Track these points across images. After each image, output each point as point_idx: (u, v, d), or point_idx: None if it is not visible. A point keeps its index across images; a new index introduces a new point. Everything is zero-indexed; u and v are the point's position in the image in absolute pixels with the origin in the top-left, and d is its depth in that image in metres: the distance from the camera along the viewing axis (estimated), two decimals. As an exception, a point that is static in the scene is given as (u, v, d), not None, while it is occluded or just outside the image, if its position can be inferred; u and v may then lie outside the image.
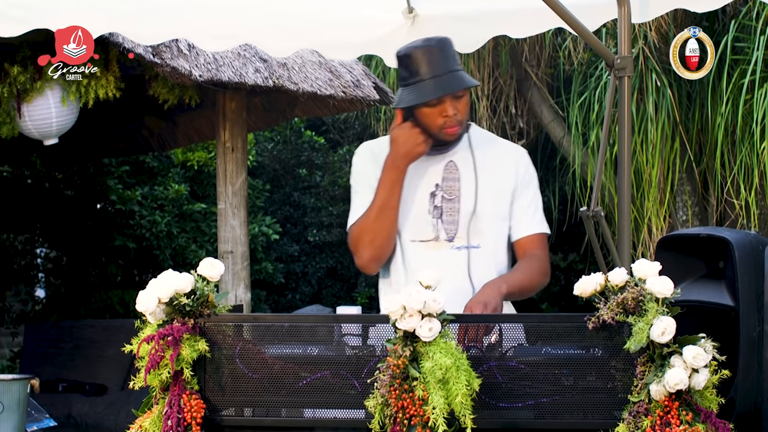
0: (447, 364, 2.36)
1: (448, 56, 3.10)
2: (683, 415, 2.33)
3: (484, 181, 3.17)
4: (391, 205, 3.14)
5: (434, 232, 3.16)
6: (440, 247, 3.15)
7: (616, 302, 2.40)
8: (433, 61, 3.06)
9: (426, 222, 3.17)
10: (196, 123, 7.35)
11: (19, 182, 8.92)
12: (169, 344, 2.51)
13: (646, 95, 6.83)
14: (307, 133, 10.61)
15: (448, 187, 3.17)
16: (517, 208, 3.22)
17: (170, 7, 3.97)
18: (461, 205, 3.16)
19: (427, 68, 3.06)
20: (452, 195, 3.17)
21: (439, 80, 3.06)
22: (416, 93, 3.07)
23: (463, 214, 3.15)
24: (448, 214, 3.16)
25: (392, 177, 3.13)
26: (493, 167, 3.20)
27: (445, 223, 3.16)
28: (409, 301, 2.40)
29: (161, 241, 8.80)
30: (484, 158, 3.20)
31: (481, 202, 3.15)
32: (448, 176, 3.18)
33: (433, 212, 3.17)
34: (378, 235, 3.18)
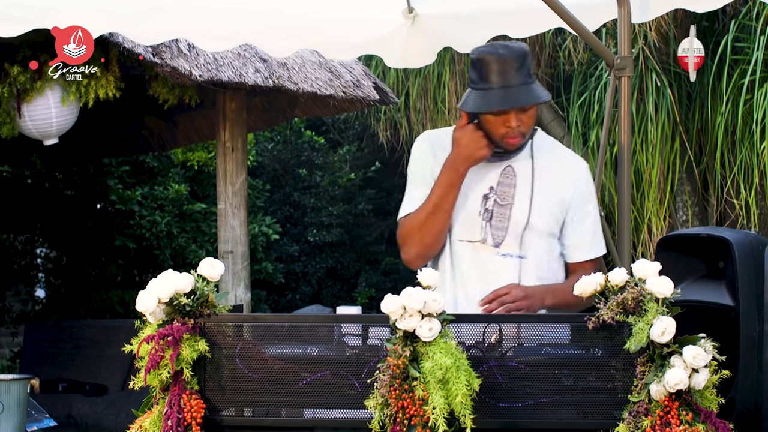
0: (447, 364, 2.36)
1: (522, 67, 3.02)
2: (683, 415, 2.33)
3: (540, 193, 3.11)
4: (445, 206, 3.10)
5: (482, 234, 3.11)
6: (486, 251, 3.11)
7: (616, 302, 2.40)
8: (505, 71, 2.99)
9: (475, 223, 3.12)
10: (196, 123, 7.35)
11: (19, 182, 8.92)
12: (169, 344, 2.51)
13: (646, 95, 6.83)
14: (307, 133, 10.61)
15: (503, 192, 3.12)
16: (576, 230, 3.16)
17: (170, 7, 3.97)
18: (512, 213, 3.10)
19: (497, 77, 3.00)
20: (505, 201, 3.11)
21: (508, 92, 2.99)
22: (482, 100, 3.01)
23: (512, 222, 3.10)
24: (497, 219, 3.11)
25: (450, 179, 3.08)
26: (551, 180, 3.14)
27: (493, 228, 3.11)
28: (409, 301, 2.40)
29: (161, 241, 8.80)
30: (543, 168, 3.14)
31: (534, 213, 3.10)
32: (504, 181, 3.13)
33: (483, 214, 3.12)
34: (428, 234, 3.13)
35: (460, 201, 3.12)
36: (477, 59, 3.04)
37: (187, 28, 4.08)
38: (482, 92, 3.02)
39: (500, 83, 2.99)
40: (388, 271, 10.46)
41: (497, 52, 3.01)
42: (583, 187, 3.18)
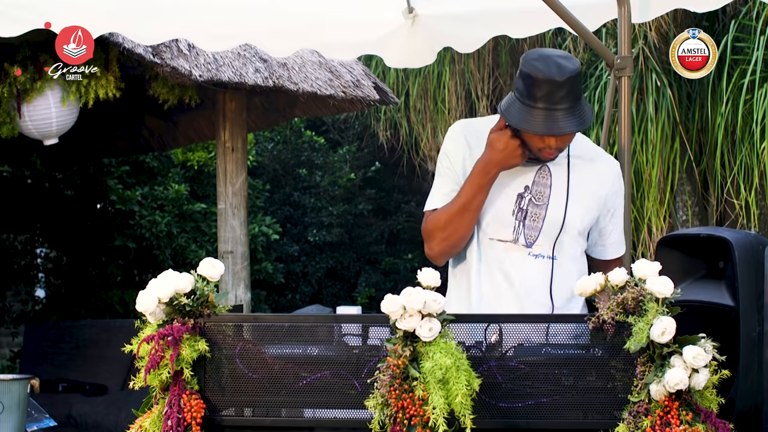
0: (447, 364, 2.36)
1: (571, 91, 2.91)
2: (683, 415, 2.33)
3: (576, 193, 3.09)
4: (472, 207, 3.05)
5: (514, 234, 3.08)
6: (517, 251, 3.07)
7: (616, 302, 2.40)
8: (554, 94, 2.90)
9: (507, 223, 3.08)
10: (196, 123, 7.35)
11: (19, 182, 8.92)
12: (169, 344, 2.51)
13: (646, 95, 6.83)
14: (307, 133, 10.61)
15: (538, 192, 3.08)
16: (610, 230, 3.18)
17: (170, 7, 3.97)
18: (547, 213, 3.07)
19: (544, 98, 2.90)
20: (540, 201, 3.07)
21: (553, 116, 2.91)
22: (526, 118, 2.93)
23: (547, 223, 3.07)
24: (531, 219, 3.07)
25: (480, 181, 3.03)
26: (586, 182, 3.12)
27: (526, 228, 3.07)
28: (409, 301, 2.40)
29: (161, 241, 8.80)
30: (579, 170, 3.11)
31: (570, 214, 3.08)
32: (540, 180, 3.09)
33: (516, 214, 3.07)
34: (454, 234, 3.08)
35: (492, 199, 3.08)
36: (528, 74, 2.93)
37: (187, 28, 4.08)
38: (527, 108, 2.93)
39: (546, 105, 2.91)
40: (388, 271, 10.46)
41: (550, 72, 2.90)
42: (618, 186, 3.20)
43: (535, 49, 3.02)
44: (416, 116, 8.44)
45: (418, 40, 4.19)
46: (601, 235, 3.19)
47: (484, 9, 4.06)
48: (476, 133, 3.12)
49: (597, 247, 3.21)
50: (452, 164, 3.14)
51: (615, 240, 3.22)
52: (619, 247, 3.24)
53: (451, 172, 3.14)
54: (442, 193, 3.14)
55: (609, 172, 3.19)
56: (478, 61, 7.97)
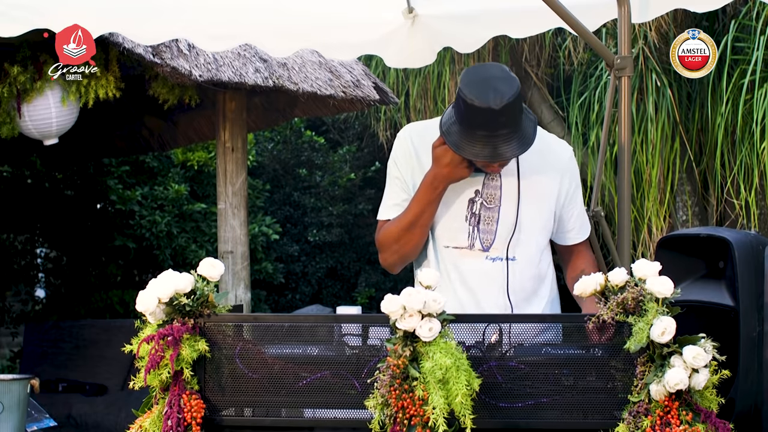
0: (447, 364, 2.36)
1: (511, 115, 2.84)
2: (683, 415, 2.33)
3: (527, 191, 3.07)
4: (421, 222, 3.04)
5: (469, 239, 3.07)
6: (474, 256, 3.06)
7: (616, 302, 2.40)
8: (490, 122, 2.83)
9: (461, 229, 3.07)
10: (196, 123, 7.35)
11: (19, 182, 8.92)
12: (169, 344, 2.51)
13: (646, 95, 6.83)
14: (307, 133, 10.61)
15: (489, 195, 3.06)
16: (569, 216, 3.16)
17: (170, 7, 3.97)
18: (500, 215, 3.06)
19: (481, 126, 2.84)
20: (492, 204, 3.06)
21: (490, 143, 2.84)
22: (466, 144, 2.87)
23: (501, 224, 3.05)
24: (485, 222, 3.06)
25: (429, 197, 3.01)
26: (537, 178, 3.09)
27: (481, 232, 3.06)
28: (409, 301, 2.40)
29: (161, 241, 8.80)
30: (529, 165, 3.07)
31: (524, 213, 3.06)
32: (490, 183, 3.07)
33: (470, 219, 3.06)
34: (404, 247, 3.10)
35: (444, 206, 3.07)
36: (467, 103, 2.84)
37: (187, 28, 4.08)
38: (465, 132, 2.88)
39: (485, 132, 2.85)
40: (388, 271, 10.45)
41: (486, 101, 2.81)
42: (571, 171, 3.15)
43: (474, 68, 2.93)
44: (416, 116, 8.44)
45: (418, 40, 4.19)
46: (560, 223, 3.17)
47: (484, 9, 4.06)
48: (424, 136, 3.09)
49: (559, 234, 3.20)
50: (401, 173, 3.13)
51: (575, 225, 3.19)
52: (580, 232, 3.21)
53: (399, 181, 3.14)
54: (393, 204, 3.14)
55: (559, 161, 3.14)
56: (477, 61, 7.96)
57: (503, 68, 2.93)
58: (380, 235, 3.16)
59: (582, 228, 3.23)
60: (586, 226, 3.25)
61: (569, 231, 3.20)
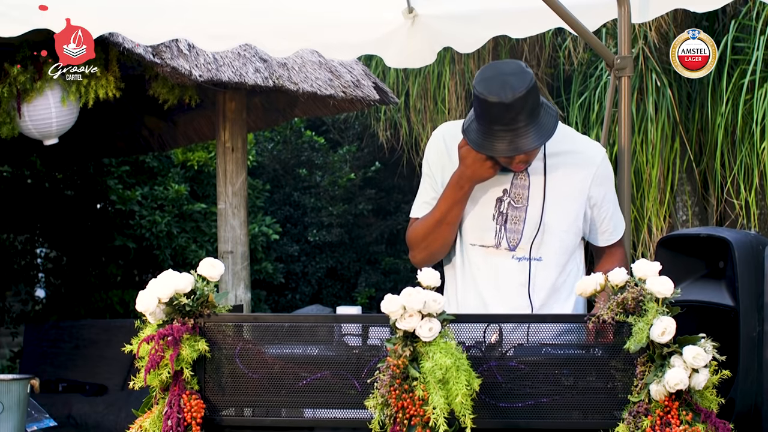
0: (447, 364, 2.36)
1: (525, 107, 2.86)
2: (683, 415, 2.33)
3: (554, 192, 3.06)
4: (448, 221, 3.06)
5: (496, 238, 3.07)
6: (500, 255, 3.06)
7: (616, 302, 2.40)
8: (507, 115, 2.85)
9: (489, 227, 3.07)
10: (196, 123, 7.35)
11: (19, 182, 8.92)
12: (169, 344, 2.51)
13: (646, 95, 6.83)
14: (307, 133, 10.61)
15: (516, 194, 3.06)
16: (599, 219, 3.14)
17: (170, 7, 3.97)
18: (527, 215, 3.05)
19: (497, 120, 2.86)
20: (519, 203, 3.06)
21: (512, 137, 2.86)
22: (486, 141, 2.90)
23: (528, 224, 3.05)
24: (512, 222, 3.05)
25: (455, 196, 3.03)
26: (567, 176, 3.08)
27: (508, 231, 3.05)
28: (409, 301, 2.40)
29: (161, 241, 8.80)
30: (557, 166, 3.07)
31: (549, 213, 3.05)
32: (518, 183, 3.06)
33: (497, 218, 3.06)
34: (433, 243, 3.11)
35: (472, 205, 3.08)
36: (477, 97, 2.88)
37: (187, 28, 4.08)
38: (484, 130, 2.90)
39: (502, 126, 2.87)
40: (388, 271, 10.46)
41: (498, 95, 2.84)
42: (602, 173, 3.12)
43: (487, 66, 2.95)
44: (416, 116, 8.44)
45: (418, 40, 4.19)
46: (592, 225, 3.16)
47: (484, 9, 4.06)
48: (456, 135, 3.08)
49: (591, 236, 3.19)
50: (432, 172, 3.16)
51: (606, 228, 3.17)
52: (612, 234, 3.18)
53: (431, 179, 3.16)
54: (423, 202, 3.16)
55: (589, 162, 3.12)
56: (478, 61, 7.97)
57: (518, 63, 2.94)
58: (409, 233, 3.18)
59: (615, 230, 3.20)
60: (620, 227, 3.21)
61: (602, 233, 3.18)
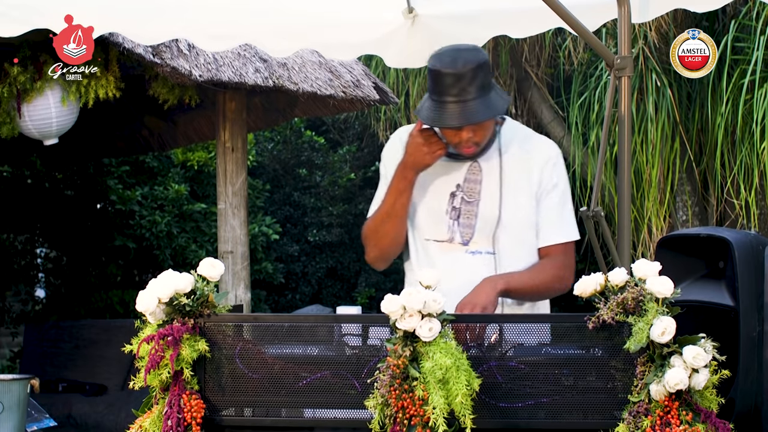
0: (447, 364, 2.36)
1: (476, 78, 2.92)
2: (683, 415, 2.33)
3: (509, 186, 3.08)
4: (395, 212, 3.09)
5: (449, 233, 3.09)
6: (454, 250, 3.08)
7: (616, 302, 2.40)
8: (459, 85, 2.92)
9: (442, 222, 3.10)
10: (196, 123, 7.35)
11: (19, 182, 8.92)
12: (169, 344, 2.51)
13: (646, 95, 6.83)
14: (307, 133, 10.61)
15: (469, 188, 3.09)
16: (541, 216, 3.11)
17: (170, 7, 3.97)
18: (480, 209, 3.08)
19: (452, 91, 2.92)
20: (472, 198, 3.08)
21: (462, 107, 2.92)
22: (437, 114, 2.96)
23: (480, 219, 3.07)
24: (465, 216, 3.08)
25: (399, 185, 3.07)
26: (519, 171, 3.10)
27: (461, 225, 3.08)
28: (409, 301, 2.40)
29: (161, 241, 8.80)
30: (511, 160, 3.10)
31: (504, 208, 3.07)
32: (471, 177, 3.10)
33: (450, 213, 3.09)
34: (383, 239, 3.15)
35: (425, 200, 3.12)
36: (431, 70, 2.96)
37: (187, 28, 4.08)
38: (435, 104, 2.96)
39: (455, 98, 2.92)
40: (388, 271, 10.46)
41: (453, 66, 2.92)
42: (550, 170, 3.12)
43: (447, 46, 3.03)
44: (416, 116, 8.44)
45: (418, 40, 4.19)
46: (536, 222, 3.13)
47: (484, 9, 4.06)
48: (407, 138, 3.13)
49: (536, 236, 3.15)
50: (386, 171, 3.20)
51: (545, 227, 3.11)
52: (551, 234, 3.11)
53: (382, 176, 3.21)
54: (377, 196, 3.21)
55: (540, 158, 3.12)
56: (478, 61, 7.95)
57: (474, 45, 3.03)
58: (363, 230, 3.22)
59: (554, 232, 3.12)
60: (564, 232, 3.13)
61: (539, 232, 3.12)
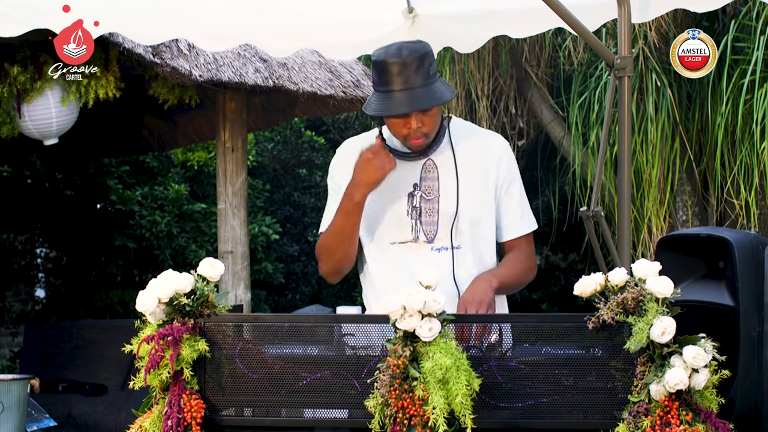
0: (447, 364, 2.36)
1: (421, 67, 2.97)
2: (683, 415, 2.33)
3: (466, 180, 3.11)
4: (347, 230, 3.10)
5: (413, 233, 3.11)
6: (419, 249, 3.10)
7: (616, 302, 2.40)
8: (405, 73, 2.96)
9: (404, 223, 3.12)
10: (196, 123, 7.35)
11: (19, 182, 8.92)
12: (169, 344, 2.51)
13: (646, 95, 6.83)
14: (307, 133, 10.61)
15: (427, 187, 3.12)
16: (504, 210, 3.17)
17: (170, 7, 3.97)
18: (440, 206, 3.10)
19: (397, 79, 2.96)
20: (431, 195, 3.11)
21: (408, 95, 2.96)
22: (384, 104, 2.99)
23: (442, 215, 3.10)
24: (427, 214, 3.11)
25: (347, 206, 3.07)
26: (474, 164, 3.14)
27: (424, 224, 3.11)
28: (409, 301, 2.40)
29: (161, 241, 8.80)
30: (465, 155, 3.13)
31: (463, 201, 3.10)
32: (427, 176, 3.12)
33: (411, 213, 3.12)
34: (335, 254, 3.16)
35: (385, 205, 3.13)
36: (376, 62, 3.00)
37: (187, 28, 4.08)
38: (384, 95, 2.99)
39: (401, 86, 2.96)
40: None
41: (398, 55, 2.96)
42: (506, 164, 3.18)
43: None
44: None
45: (418, 41, 4.19)
46: (498, 217, 3.18)
47: (484, 9, 4.06)
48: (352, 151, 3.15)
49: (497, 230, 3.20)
50: (336, 184, 3.21)
51: (510, 220, 3.18)
52: (516, 228, 3.19)
53: (334, 192, 3.21)
54: (327, 210, 3.22)
55: (493, 152, 3.17)
56: (478, 61, 7.97)
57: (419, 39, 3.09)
58: (316, 244, 3.23)
59: (519, 224, 3.20)
60: (526, 223, 3.22)
61: (505, 227, 3.19)
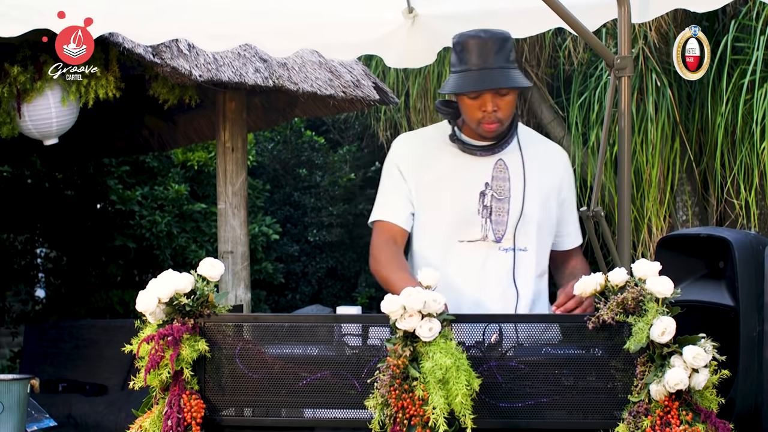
0: (447, 364, 2.36)
1: (501, 50, 3.02)
2: (683, 415, 2.33)
3: (532, 183, 3.14)
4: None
5: (482, 232, 3.11)
6: (487, 248, 3.11)
7: (616, 302, 2.40)
8: (484, 53, 3.00)
9: (474, 222, 3.12)
10: (196, 123, 7.35)
11: (19, 182, 8.92)
12: (169, 344, 2.51)
13: (646, 95, 6.82)
14: (307, 133, 10.61)
15: (498, 186, 3.13)
16: (567, 219, 3.23)
17: (170, 7, 3.97)
18: (510, 206, 3.12)
19: (476, 59, 3.00)
20: (502, 195, 3.12)
21: (485, 74, 3.00)
22: (460, 82, 3.02)
23: (512, 216, 3.11)
24: (497, 214, 3.11)
25: None
26: (540, 169, 3.17)
27: (494, 223, 3.11)
28: (409, 301, 2.40)
29: (161, 241, 8.80)
30: (532, 159, 3.16)
31: (529, 204, 3.12)
32: (498, 175, 3.13)
33: (482, 212, 3.12)
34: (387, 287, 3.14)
35: (456, 204, 3.13)
36: (456, 43, 3.07)
37: (187, 28, 4.08)
38: (460, 74, 3.03)
39: (478, 65, 3.00)
40: (389, 271, 10.43)
41: (477, 35, 3.03)
42: (570, 177, 3.26)
43: None
44: (416, 116, 8.44)
45: (418, 40, 4.19)
46: (559, 226, 3.23)
47: (483, 9, 4.06)
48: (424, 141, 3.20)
49: (557, 239, 3.25)
50: (403, 176, 3.19)
51: (572, 230, 3.27)
52: (577, 237, 3.30)
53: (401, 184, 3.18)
54: (391, 206, 3.18)
55: (559, 162, 3.25)
56: (478, 61, 7.95)
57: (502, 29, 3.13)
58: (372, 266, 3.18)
59: (578, 234, 3.31)
60: (580, 234, 3.32)
61: (567, 235, 3.26)
